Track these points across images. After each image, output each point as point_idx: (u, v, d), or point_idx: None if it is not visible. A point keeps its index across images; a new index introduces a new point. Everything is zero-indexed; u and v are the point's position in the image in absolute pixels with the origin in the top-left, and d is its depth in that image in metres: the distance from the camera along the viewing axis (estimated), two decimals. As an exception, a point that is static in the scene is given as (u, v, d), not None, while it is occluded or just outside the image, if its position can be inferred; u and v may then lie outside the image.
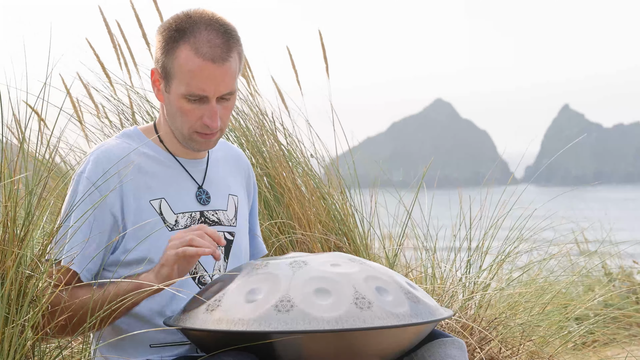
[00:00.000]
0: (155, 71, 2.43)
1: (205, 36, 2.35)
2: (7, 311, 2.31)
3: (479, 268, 3.96)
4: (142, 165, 2.43)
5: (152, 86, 2.46)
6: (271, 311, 2.12)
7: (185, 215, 2.45)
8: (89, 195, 2.36)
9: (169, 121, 2.45)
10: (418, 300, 2.22)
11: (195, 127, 2.41)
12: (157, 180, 2.44)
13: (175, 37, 2.37)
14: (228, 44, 2.37)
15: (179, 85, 2.37)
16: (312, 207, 3.91)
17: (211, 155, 2.57)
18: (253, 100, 4.06)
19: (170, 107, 2.42)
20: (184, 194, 2.47)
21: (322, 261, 2.24)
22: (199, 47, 2.35)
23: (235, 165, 2.64)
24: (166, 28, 2.40)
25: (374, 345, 2.14)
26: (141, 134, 2.50)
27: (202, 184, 2.51)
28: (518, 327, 3.75)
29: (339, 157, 4.13)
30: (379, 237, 4.10)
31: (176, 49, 2.37)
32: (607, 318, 4.35)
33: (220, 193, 2.54)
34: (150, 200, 2.42)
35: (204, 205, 2.49)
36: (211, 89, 2.36)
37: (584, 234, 6.27)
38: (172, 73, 2.38)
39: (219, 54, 2.35)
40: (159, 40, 2.41)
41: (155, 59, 2.43)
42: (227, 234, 2.51)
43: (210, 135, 2.42)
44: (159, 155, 2.47)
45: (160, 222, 2.41)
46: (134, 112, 4.07)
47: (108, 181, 2.37)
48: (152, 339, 2.41)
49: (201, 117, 2.39)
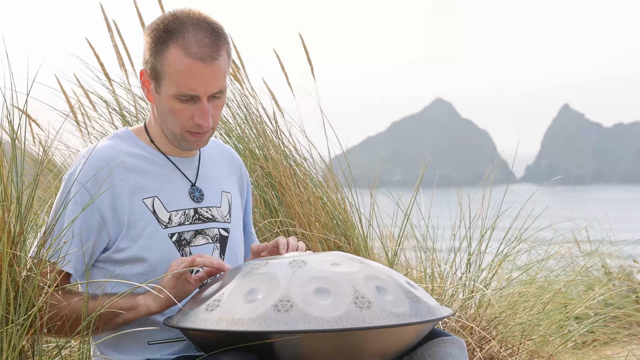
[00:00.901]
0: (145, 72, 2.43)
1: (194, 36, 2.35)
2: (6, 311, 2.31)
3: (479, 267, 3.96)
4: (133, 165, 2.44)
5: (142, 87, 2.46)
6: (271, 311, 2.12)
7: (178, 212, 2.45)
8: (80, 197, 2.37)
9: (160, 121, 2.45)
10: (418, 300, 2.21)
11: (187, 127, 2.41)
12: (149, 179, 2.45)
13: (164, 38, 2.37)
14: (217, 43, 2.37)
15: (169, 85, 2.38)
16: (312, 206, 3.91)
17: (203, 153, 2.57)
18: (253, 100, 4.06)
19: (161, 107, 2.42)
20: (177, 192, 2.47)
21: (321, 261, 2.24)
22: (188, 47, 2.35)
23: (227, 162, 2.64)
24: (154, 29, 2.40)
25: (374, 344, 2.14)
26: (132, 134, 2.51)
27: (195, 182, 2.51)
28: (518, 326, 3.75)
29: (337, 156, 4.14)
30: (379, 237, 4.11)
31: (165, 50, 2.37)
32: (607, 317, 4.35)
33: (214, 190, 2.54)
34: (143, 199, 2.42)
35: (198, 202, 2.49)
36: (202, 89, 2.36)
37: (586, 232, 6.27)
38: (162, 74, 2.38)
39: (209, 53, 2.35)
40: (147, 42, 2.41)
41: (144, 60, 2.43)
42: (222, 231, 2.51)
43: (202, 134, 2.43)
44: (150, 155, 2.48)
45: (154, 220, 2.41)
46: (137, 110, 4.07)
47: (98, 183, 2.38)
48: (150, 337, 2.41)
49: (192, 116, 2.39)
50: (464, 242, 4.04)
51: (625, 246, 6.01)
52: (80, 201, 2.37)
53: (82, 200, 2.37)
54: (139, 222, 2.39)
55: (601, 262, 5.92)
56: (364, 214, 4.06)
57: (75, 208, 2.37)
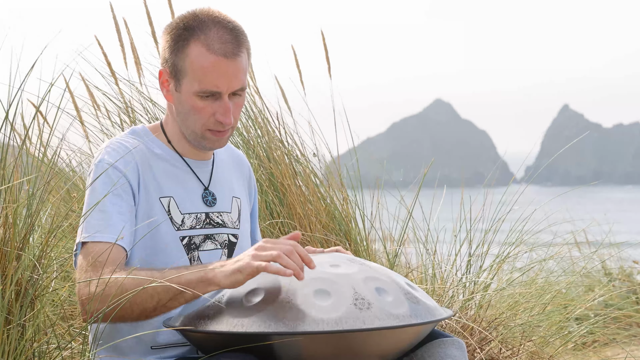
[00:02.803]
0: (164, 71, 2.43)
1: (215, 33, 2.36)
2: (8, 312, 2.31)
3: (479, 268, 3.96)
4: (151, 162, 2.43)
5: (160, 87, 2.45)
6: (271, 312, 2.12)
7: (191, 215, 2.45)
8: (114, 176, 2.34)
9: (179, 121, 2.45)
10: (417, 301, 2.22)
11: (208, 125, 2.41)
12: (165, 178, 2.44)
13: (185, 36, 2.37)
14: (238, 40, 2.38)
15: (191, 82, 2.37)
16: (313, 207, 3.91)
17: (216, 157, 2.57)
18: (259, 99, 4.07)
19: (182, 106, 2.41)
20: (191, 195, 2.47)
21: (321, 262, 2.24)
22: (211, 43, 2.35)
23: (238, 167, 2.64)
24: (174, 27, 2.40)
25: (374, 345, 2.14)
26: (149, 132, 2.50)
27: (208, 186, 2.51)
28: (518, 327, 3.76)
29: (340, 156, 4.14)
30: (379, 238, 4.11)
31: (187, 47, 2.37)
32: (607, 318, 4.35)
33: (225, 195, 2.54)
34: (160, 198, 2.42)
35: (210, 207, 2.49)
36: (224, 85, 2.36)
37: (585, 233, 6.27)
38: (183, 71, 2.38)
39: (231, 50, 2.36)
40: (167, 40, 2.41)
41: (162, 59, 2.43)
42: (230, 236, 2.51)
43: (222, 132, 2.42)
44: (166, 154, 2.47)
45: (168, 221, 2.41)
46: (146, 109, 4.07)
47: (127, 162, 2.37)
48: (153, 341, 2.40)
49: (214, 113, 2.39)
50: (464, 243, 4.04)
51: (625, 247, 6.01)
52: (115, 180, 2.34)
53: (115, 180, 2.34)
54: (154, 220, 2.38)
55: (601, 263, 5.93)
56: (366, 215, 4.06)
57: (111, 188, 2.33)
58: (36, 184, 2.45)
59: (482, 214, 4.09)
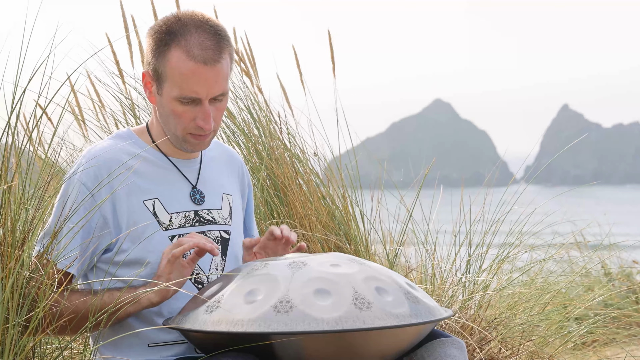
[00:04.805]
0: (147, 74, 2.43)
1: (196, 38, 2.35)
2: (7, 312, 2.31)
3: (479, 268, 3.96)
4: (134, 166, 2.43)
5: (144, 89, 2.46)
6: (271, 312, 2.12)
7: (179, 214, 2.45)
8: (81, 197, 2.36)
9: (161, 123, 2.45)
10: (417, 301, 2.22)
11: (188, 129, 2.41)
12: (150, 180, 2.45)
13: (166, 40, 2.37)
14: (219, 45, 2.37)
15: (171, 87, 2.37)
16: (314, 207, 3.92)
17: (204, 155, 2.57)
18: (261, 98, 4.07)
19: (163, 109, 2.42)
20: (178, 194, 2.47)
21: (321, 262, 2.24)
22: (190, 49, 2.34)
23: (229, 164, 2.64)
24: (156, 31, 2.39)
25: (374, 345, 2.14)
26: (134, 134, 2.50)
27: (196, 184, 2.51)
28: (518, 327, 3.76)
29: (341, 156, 4.14)
30: (379, 238, 4.11)
31: (167, 52, 2.36)
32: (607, 318, 4.35)
33: (215, 192, 2.54)
34: (143, 201, 2.42)
35: (199, 204, 2.49)
36: (204, 91, 2.36)
37: (582, 234, 6.27)
38: (164, 76, 2.38)
39: (211, 56, 2.35)
40: (150, 43, 2.41)
41: (146, 62, 2.43)
42: (222, 233, 2.51)
43: (203, 136, 2.42)
44: (152, 156, 2.48)
45: (154, 222, 2.41)
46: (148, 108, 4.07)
47: (100, 183, 2.38)
48: (150, 339, 2.41)
49: (194, 118, 2.39)
50: (464, 243, 4.04)
51: (625, 247, 6.01)
52: (81, 201, 2.37)
53: (85, 203, 2.37)
54: (139, 224, 2.39)
55: (601, 263, 5.93)
56: (366, 214, 4.06)
57: (78, 210, 2.36)
58: (37, 184, 2.45)
59: (482, 214, 4.09)
